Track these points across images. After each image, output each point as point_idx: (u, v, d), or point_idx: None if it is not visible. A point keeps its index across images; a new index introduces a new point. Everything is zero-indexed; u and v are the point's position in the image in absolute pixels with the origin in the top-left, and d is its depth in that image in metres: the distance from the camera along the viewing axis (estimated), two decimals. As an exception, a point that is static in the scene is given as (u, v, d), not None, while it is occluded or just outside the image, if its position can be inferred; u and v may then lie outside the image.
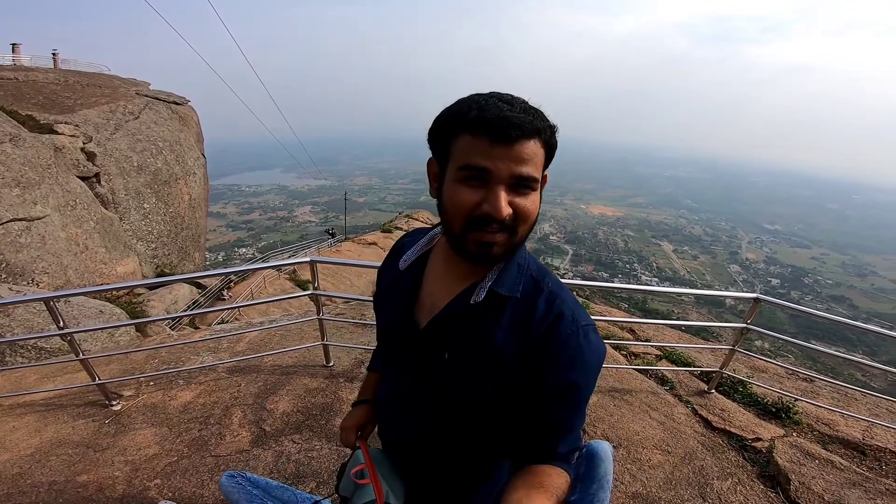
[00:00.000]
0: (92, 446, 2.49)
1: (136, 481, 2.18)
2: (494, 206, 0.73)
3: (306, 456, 2.33)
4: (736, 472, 2.44)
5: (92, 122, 15.34)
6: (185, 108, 20.71)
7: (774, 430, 2.92)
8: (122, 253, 15.07)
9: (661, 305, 57.04)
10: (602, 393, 3.13)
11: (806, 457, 2.58)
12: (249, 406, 2.82)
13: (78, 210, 13.26)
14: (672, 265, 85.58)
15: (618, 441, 2.58)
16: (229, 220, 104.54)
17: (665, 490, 2.25)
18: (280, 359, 3.51)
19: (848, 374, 28.78)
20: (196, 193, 20.12)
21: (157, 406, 2.90)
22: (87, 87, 17.86)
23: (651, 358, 4.01)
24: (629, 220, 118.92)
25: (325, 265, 12.00)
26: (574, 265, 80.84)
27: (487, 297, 0.84)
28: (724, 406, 3.17)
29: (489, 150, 0.72)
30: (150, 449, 2.43)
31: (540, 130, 0.74)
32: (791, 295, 68.06)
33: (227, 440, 2.48)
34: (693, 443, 2.65)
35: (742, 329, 3.15)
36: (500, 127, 0.71)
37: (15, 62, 20.05)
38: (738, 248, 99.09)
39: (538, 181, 0.77)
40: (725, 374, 3.41)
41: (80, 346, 2.79)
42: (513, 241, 0.79)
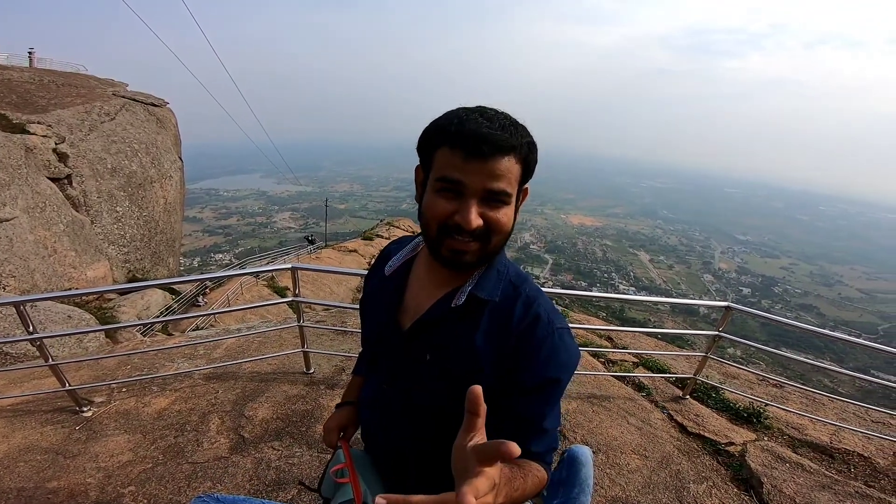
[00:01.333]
0: (62, 453, 2.41)
1: (109, 488, 2.12)
2: (464, 218, 0.77)
3: (287, 463, 2.30)
4: (711, 476, 2.51)
5: (66, 122, 14.92)
6: (164, 110, 20.32)
7: (747, 435, 3.01)
8: (93, 257, 14.64)
9: (638, 314, 57.97)
10: (581, 399, 3.19)
11: (777, 460, 2.66)
12: (227, 413, 2.77)
13: (48, 212, 12.86)
14: (649, 274, 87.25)
15: (597, 446, 2.62)
16: (206, 224, 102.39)
17: (643, 494, 2.30)
18: (259, 366, 3.46)
19: (816, 380, 29.66)
20: (172, 197, 19.70)
21: (130, 413, 2.82)
22: (62, 86, 17.40)
23: (628, 365, 4.09)
24: (608, 230, 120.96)
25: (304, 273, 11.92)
26: (554, 274, 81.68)
27: (468, 301, 0.88)
28: (698, 411, 3.25)
29: (463, 165, 0.76)
30: (124, 456, 2.36)
31: (515, 147, 0.77)
32: (762, 303, 70.03)
33: (204, 447, 2.43)
34: (669, 447, 2.71)
35: (714, 336, 3.25)
36: (475, 143, 0.74)
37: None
38: (712, 257, 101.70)
39: (511, 196, 0.80)
40: (699, 380, 3.51)
41: (49, 352, 2.71)
42: (485, 250, 0.83)
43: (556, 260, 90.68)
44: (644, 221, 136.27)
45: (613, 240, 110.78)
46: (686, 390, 3.50)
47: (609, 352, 4.24)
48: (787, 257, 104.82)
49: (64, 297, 12.09)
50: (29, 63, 20.64)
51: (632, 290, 73.79)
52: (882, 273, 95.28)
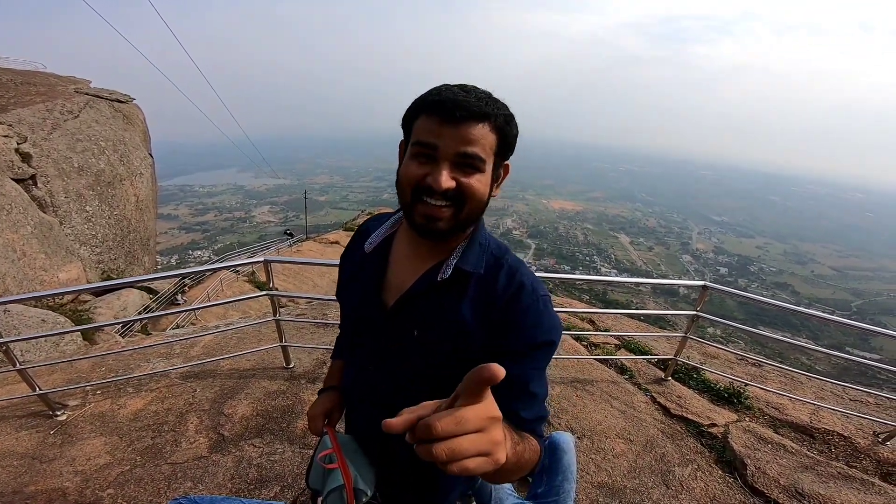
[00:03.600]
0: (38, 458, 2.33)
1: (87, 491, 2.05)
2: (435, 179, 0.77)
3: (268, 460, 2.26)
4: (695, 459, 2.53)
5: (27, 121, 14.33)
6: (130, 107, 19.66)
7: (728, 416, 3.05)
8: (64, 259, 14.19)
9: (620, 296, 58.95)
10: (565, 384, 3.20)
11: (759, 441, 2.70)
12: (206, 412, 2.71)
13: (13, 214, 12.39)
14: (629, 257, 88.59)
15: (581, 431, 2.64)
16: (182, 221, 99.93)
17: (629, 478, 2.32)
18: (237, 362, 3.39)
19: (794, 357, 30.65)
20: (143, 195, 19.16)
21: (105, 415, 2.74)
22: (20, 84, 16.67)
23: (611, 348, 4.12)
24: (588, 214, 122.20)
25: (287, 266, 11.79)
26: (537, 258, 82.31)
27: (453, 274, 0.88)
28: (680, 393, 3.29)
29: (438, 129, 0.77)
30: (101, 459, 2.29)
31: (489, 115, 0.78)
32: (738, 282, 71.86)
33: (183, 447, 2.37)
34: (653, 431, 2.74)
35: (693, 316, 3.28)
36: (449, 108, 0.76)
37: (-57, 62, 18.45)
38: (690, 238, 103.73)
39: (484, 162, 0.80)
40: (680, 361, 3.55)
41: (16, 356, 2.61)
42: (458, 217, 0.83)
43: (539, 245, 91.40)
44: (623, 205, 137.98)
45: (594, 223, 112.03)
46: (668, 372, 3.54)
47: (591, 335, 4.26)
48: (762, 237, 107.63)
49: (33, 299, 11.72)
50: (-15, 62, 19.72)
51: (613, 272, 74.90)
52: (853, 251, 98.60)
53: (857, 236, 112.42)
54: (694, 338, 3.48)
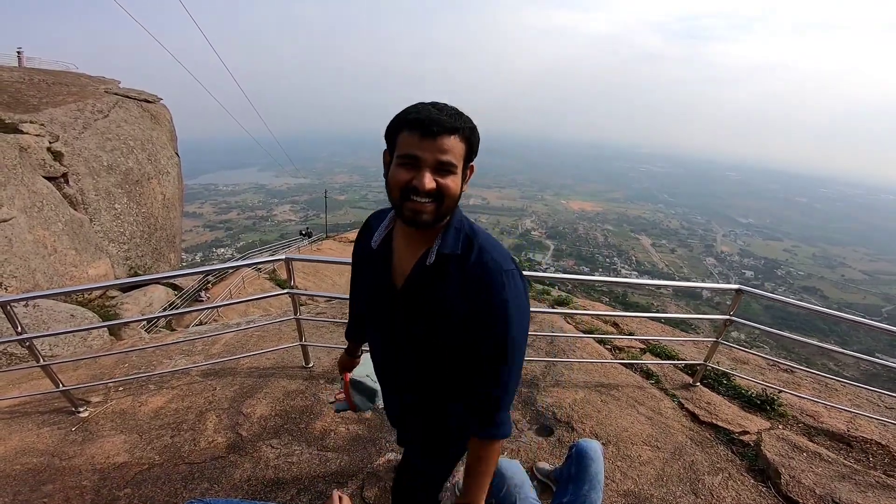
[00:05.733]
0: (58, 455, 2.34)
1: (104, 491, 2.05)
2: (420, 182, 0.96)
3: (286, 462, 2.23)
4: (726, 467, 2.42)
5: (58, 121, 14.77)
6: (157, 107, 20.13)
7: (760, 423, 2.92)
8: (94, 255, 14.58)
9: (641, 299, 57.96)
10: (589, 388, 3.10)
11: (794, 450, 2.57)
12: (225, 410, 2.70)
13: (45, 211, 12.77)
14: (651, 259, 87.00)
15: (607, 438, 2.54)
16: (206, 220, 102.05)
17: (657, 487, 2.22)
18: (257, 361, 3.39)
19: (821, 363, 29.68)
20: (170, 193, 19.59)
21: (126, 412, 2.75)
22: (53, 85, 17.21)
23: (635, 352, 4.00)
24: (608, 215, 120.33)
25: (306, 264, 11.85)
26: (556, 260, 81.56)
27: (438, 258, 1.06)
28: (709, 399, 3.16)
29: (419, 143, 0.96)
30: (120, 457, 2.29)
31: (458, 129, 0.97)
32: (765, 286, 69.90)
33: (201, 446, 2.36)
34: (681, 437, 2.63)
35: (725, 321, 3.15)
36: (427, 125, 0.95)
37: (-24, 62, 19.19)
38: (714, 241, 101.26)
39: (457, 167, 0.99)
40: (709, 366, 3.42)
41: (40, 352, 2.63)
42: (440, 210, 1.01)
43: (558, 246, 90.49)
44: (644, 206, 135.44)
45: (614, 224, 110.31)
46: (696, 377, 3.41)
47: (615, 338, 4.13)
48: (789, 239, 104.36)
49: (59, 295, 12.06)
50: (18, 62, 20.40)
51: (634, 274, 73.69)
52: (884, 254, 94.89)
53: (888, 239, 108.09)
54: (726, 343, 3.35)
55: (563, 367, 3.37)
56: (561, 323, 4.58)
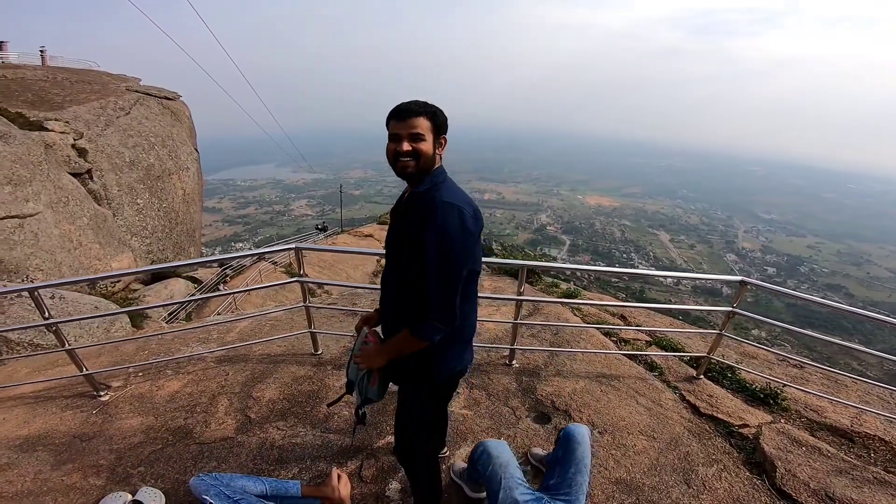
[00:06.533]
0: (79, 436, 2.49)
1: (119, 469, 2.18)
2: (400, 146, 1.46)
3: (290, 442, 2.33)
4: (722, 459, 2.44)
5: (82, 118, 15.18)
6: (177, 103, 20.53)
7: (762, 417, 2.92)
8: (117, 249, 14.98)
9: (658, 295, 57.25)
10: (589, 378, 3.14)
11: (793, 444, 2.57)
12: (236, 394, 2.82)
13: (71, 206, 13.15)
14: (669, 254, 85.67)
15: (603, 427, 2.58)
16: (225, 214, 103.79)
17: (649, 476, 2.25)
18: (268, 347, 3.51)
19: (844, 362, 28.93)
20: (190, 188, 19.99)
21: (144, 396, 2.89)
22: (76, 83, 17.67)
23: (641, 344, 4.01)
24: (625, 211, 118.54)
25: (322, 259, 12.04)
26: (572, 255, 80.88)
27: (410, 196, 1.56)
28: (711, 392, 3.17)
29: (397, 124, 1.47)
30: (136, 437, 2.43)
31: (422, 112, 1.46)
32: (787, 283, 68.31)
33: (212, 428, 2.48)
34: (679, 429, 2.65)
35: (728, 313, 3.15)
36: (401, 112, 1.46)
37: (2, 60, 19.75)
38: (735, 237, 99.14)
39: (425, 136, 1.46)
40: (713, 359, 3.42)
41: (65, 337, 2.78)
42: (419, 165, 1.48)
43: (574, 241, 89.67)
44: (663, 201, 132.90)
45: (632, 220, 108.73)
46: (700, 370, 3.41)
47: (617, 329, 4.15)
48: (814, 236, 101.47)
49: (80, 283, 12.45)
50: (41, 62, 20.94)
51: (651, 269, 72.76)
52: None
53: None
54: (729, 335, 3.34)
55: (565, 358, 3.41)
56: (567, 315, 4.61)
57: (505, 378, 3.07)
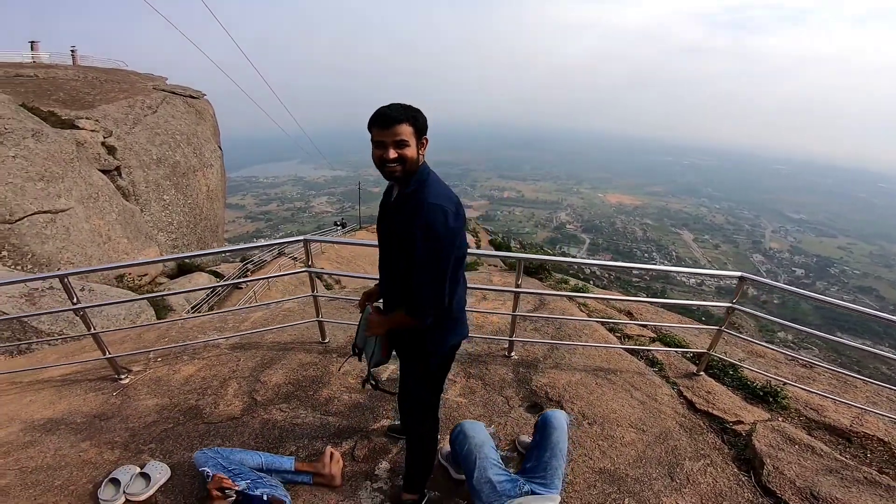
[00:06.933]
0: (98, 416, 2.68)
1: (132, 445, 2.36)
2: (387, 154, 1.53)
3: (291, 423, 2.48)
4: (710, 454, 2.46)
5: (111, 116, 15.73)
6: (201, 102, 21.05)
7: (759, 414, 2.92)
8: (144, 243, 15.49)
9: (680, 295, 56.21)
10: (586, 371, 3.19)
11: (786, 441, 2.57)
12: (245, 378, 2.98)
13: (100, 202, 13.66)
14: (692, 254, 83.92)
15: (593, 417, 2.64)
16: (248, 211, 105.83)
17: (633, 468, 2.30)
18: (279, 335, 3.67)
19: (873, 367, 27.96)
20: (213, 185, 20.51)
21: (161, 379, 3.08)
22: (105, 82, 18.27)
23: (645, 340, 4.03)
24: (647, 209, 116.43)
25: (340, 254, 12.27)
26: (591, 254, 79.99)
27: (399, 196, 1.65)
28: (710, 388, 3.18)
29: (380, 132, 1.53)
30: (150, 417, 2.60)
31: (405, 119, 1.51)
32: (816, 285, 66.33)
33: (220, 409, 2.64)
34: (671, 423, 2.69)
35: (728, 308, 3.16)
36: (383, 120, 1.51)
37: (35, 60, 20.49)
38: (762, 237, 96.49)
39: (408, 141, 1.53)
40: (714, 355, 3.43)
41: (91, 322, 2.98)
42: (405, 168, 1.56)
43: (594, 240, 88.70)
44: (687, 200, 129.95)
45: (654, 219, 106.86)
46: (700, 366, 3.43)
47: (617, 322, 4.18)
48: (845, 237, 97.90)
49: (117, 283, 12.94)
50: (72, 61, 21.66)
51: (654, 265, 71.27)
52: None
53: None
54: (729, 331, 3.35)
55: (565, 351, 3.47)
56: (573, 310, 4.66)
57: (502, 369, 3.16)
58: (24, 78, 16.55)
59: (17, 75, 16.60)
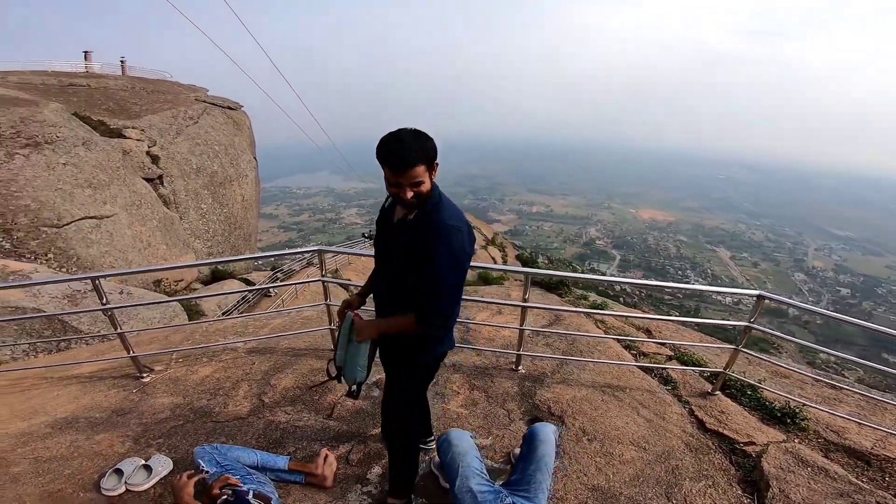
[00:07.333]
0: (116, 411, 2.83)
1: (142, 440, 2.49)
2: (404, 196, 1.53)
3: (293, 425, 2.56)
4: (714, 475, 2.38)
5: (156, 126, 16.56)
6: (239, 113, 21.90)
7: (774, 435, 2.81)
8: (182, 250, 16.14)
9: (715, 314, 54.18)
10: (594, 388, 3.15)
11: (798, 464, 2.47)
12: (256, 381, 3.10)
13: (143, 209, 14.34)
14: (730, 272, 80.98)
15: (594, 434, 2.60)
16: (281, 221, 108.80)
17: (629, 486, 2.25)
18: (294, 342, 3.79)
19: (926, 394, 26.10)
20: (248, 195, 21.24)
21: (179, 379, 3.23)
22: (151, 93, 19.26)
23: (661, 358, 3.94)
24: (681, 225, 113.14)
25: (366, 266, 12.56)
26: (622, 270, 78.29)
27: (415, 216, 1.62)
28: (724, 408, 3.08)
29: (394, 176, 1.50)
30: (163, 414, 2.73)
31: (418, 160, 1.48)
32: (862, 305, 62.85)
33: (228, 409, 2.75)
34: (675, 442, 2.61)
35: (745, 327, 3.07)
36: (395, 164, 1.48)
37: (87, 69, 21.74)
38: (805, 255, 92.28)
39: (423, 180, 1.52)
40: (732, 375, 3.33)
41: (118, 323, 3.16)
42: (421, 200, 1.56)
43: (625, 256, 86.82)
44: (723, 215, 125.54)
45: (688, 235, 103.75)
46: (716, 385, 3.33)
47: (630, 340, 4.11)
48: (893, 255, 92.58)
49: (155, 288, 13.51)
50: (121, 71, 22.92)
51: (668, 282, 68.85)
52: None
53: None
54: (746, 351, 3.25)
55: (574, 367, 3.44)
56: (589, 326, 4.60)
57: (508, 382, 3.15)
58: (78, 87, 17.58)
59: (71, 84, 17.67)
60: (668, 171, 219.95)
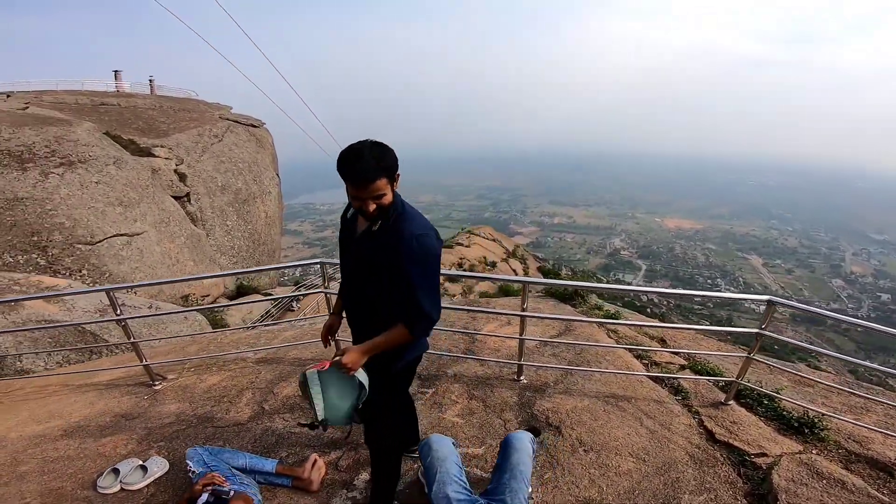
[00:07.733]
0: (125, 416, 2.94)
1: (144, 442, 2.58)
2: (366, 209, 1.57)
3: (289, 432, 2.60)
4: (717, 488, 2.28)
5: (183, 145, 17.15)
6: (261, 131, 22.51)
7: (790, 446, 2.68)
8: (208, 266, 16.56)
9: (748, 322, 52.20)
10: (597, 398, 3.08)
11: (813, 476, 2.34)
12: (260, 389, 3.16)
13: (171, 227, 14.82)
14: (763, 280, 78.17)
15: (591, 445, 2.53)
16: (305, 237, 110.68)
17: (623, 499, 2.18)
18: (302, 352, 3.85)
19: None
20: (272, 211, 21.73)
21: (188, 387, 3.32)
22: (178, 111, 19.96)
23: (674, 367, 3.83)
24: (710, 233, 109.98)
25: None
26: (648, 281, 76.54)
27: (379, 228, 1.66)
28: (737, 418, 2.97)
29: (356, 191, 1.54)
30: (168, 419, 2.82)
31: (377, 174, 1.50)
32: (907, 313, 59.61)
33: (230, 415, 2.81)
34: (679, 454, 2.52)
35: (756, 334, 2.97)
36: (355, 180, 1.51)
37: (118, 89, 22.67)
38: (842, 260, 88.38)
39: (384, 191, 1.55)
40: (745, 384, 3.21)
41: (132, 332, 3.27)
42: (383, 212, 1.61)
43: (651, 266, 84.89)
44: (754, 222, 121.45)
45: (717, 243, 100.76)
46: (729, 395, 3.21)
47: (647, 350, 4.01)
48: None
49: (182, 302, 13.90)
50: (150, 90, 23.85)
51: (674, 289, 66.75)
52: None
53: None
54: (757, 358, 3.14)
55: (580, 377, 3.37)
56: (600, 335, 4.51)
57: (507, 392, 3.12)
58: (109, 106, 18.36)
59: (103, 104, 18.47)
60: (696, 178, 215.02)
